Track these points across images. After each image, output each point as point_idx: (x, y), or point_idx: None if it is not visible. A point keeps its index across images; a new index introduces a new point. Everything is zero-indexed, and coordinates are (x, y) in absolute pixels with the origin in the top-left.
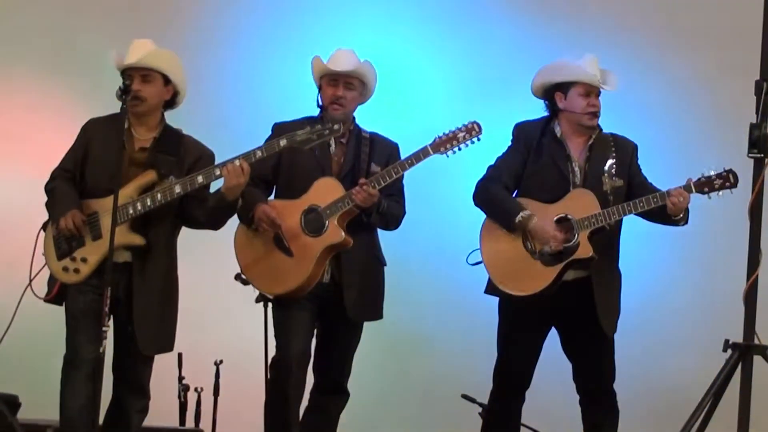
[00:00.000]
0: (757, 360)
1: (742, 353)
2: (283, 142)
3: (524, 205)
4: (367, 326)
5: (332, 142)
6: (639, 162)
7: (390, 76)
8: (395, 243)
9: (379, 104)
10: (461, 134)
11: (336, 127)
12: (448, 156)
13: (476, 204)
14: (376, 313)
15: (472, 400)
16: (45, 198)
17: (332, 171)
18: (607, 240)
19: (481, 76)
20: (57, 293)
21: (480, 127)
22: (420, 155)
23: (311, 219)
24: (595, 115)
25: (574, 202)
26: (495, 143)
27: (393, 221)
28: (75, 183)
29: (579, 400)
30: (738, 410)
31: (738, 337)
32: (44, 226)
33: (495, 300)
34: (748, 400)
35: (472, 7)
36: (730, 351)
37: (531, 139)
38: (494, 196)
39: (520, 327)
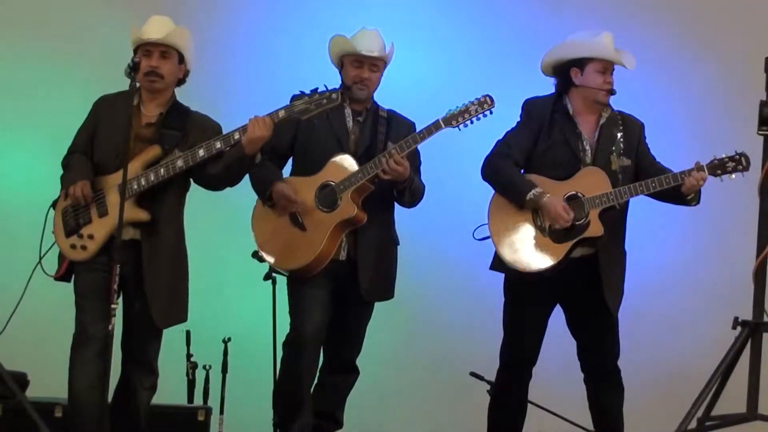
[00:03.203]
0: (767, 337)
1: (752, 331)
2: (282, 113)
3: (534, 182)
4: (378, 305)
5: (350, 120)
6: (647, 141)
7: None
8: (406, 222)
9: (392, 80)
10: (473, 107)
11: (334, 96)
12: (460, 129)
13: (485, 179)
14: (388, 293)
15: (481, 378)
16: (54, 176)
17: (349, 148)
18: (615, 219)
19: (494, 52)
20: (66, 271)
21: (492, 100)
22: (432, 129)
23: (325, 194)
24: (611, 92)
25: (585, 181)
26: (507, 120)
27: (419, 198)
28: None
29: (583, 378)
30: (747, 387)
31: (747, 314)
32: (54, 205)
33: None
34: (758, 377)
35: None
36: (739, 328)
37: (542, 116)
38: (504, 172)
39: (526, 303)
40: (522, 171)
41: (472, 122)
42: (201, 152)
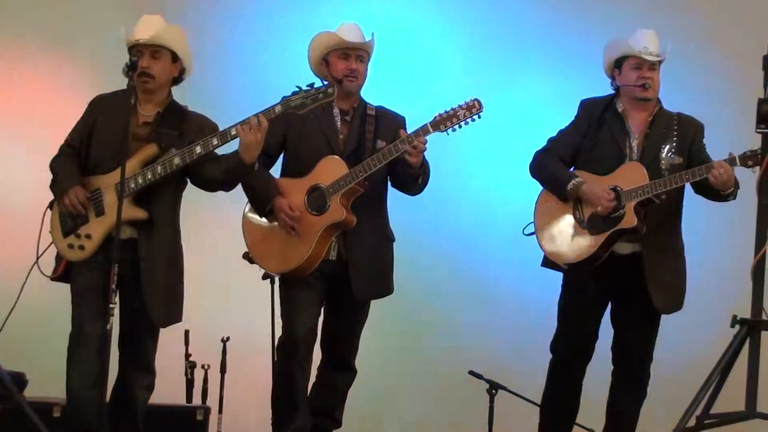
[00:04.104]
0: (765, 335)
1: (750, 329)
2: (278, 108)
3: (576, 174)
4: (375, 302)
5: (338, 119)
6: (705, 142)
7: (401, 49)
8: (403, 218)
9: (390, 77)
10: (462, 112)
11: (330, 90)
12: (448, 134)
13: (532, 174)
14: (385, 290)
15: (479, 377)
16: (51, 176)
17: (338, 148)
18: (663, 215)
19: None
20: (63, 271)
21: (481, 105)
22: (419, 133)
23: (315, 197)
24: (645, 87)
25: (625, 175)
26: (506, 122)
27: (428, 181)
28: (79, 159)
29: (611, 371)
30: (746, 385)
31: (746, 312)
32: (51, 205)
33: (504, 277)
34: (756, 375)
35: None
36: (738, 327)
37: (592, 114)
38: (547, 166)
39: (577, 298)
40: (571, 168)
41: (460, 126)
42: (198, 149)
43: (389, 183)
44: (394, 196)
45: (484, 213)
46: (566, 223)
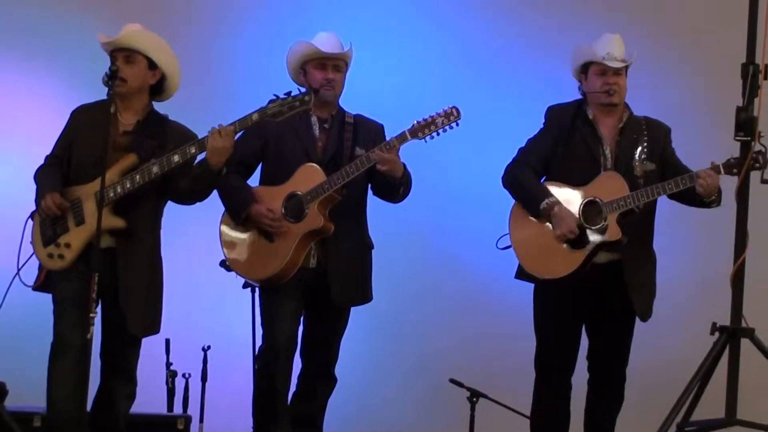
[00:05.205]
0: (745, 343)
1: (730, 336)
2: (255, 116)
3: (551, 190)
4: (355, 310)
5: (316, 127)
6: (673, 145)
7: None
8: (383, 226)
9: (370, 85)
10: (440, 119)
11: (306, 98)
12: (426, 141)
13: (505, 187)
14: (364, 297)
15: (460, 385)
16: (32, 185)
17: (316, 156)
18: (639, 222)
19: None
20: (44, 281)
21: (459, 112)
22: (396, 141)
23: (292, 205)
24: (610, 93)
25: (603, 185)
26: (488, 128)
27: (410, 189)
28: (62, 169)
29: (587, 379)
30: (726, 393)
31: (725, 320)
32: (32, 215)
33: (485, 284)
34: (736, 382)
35: None
36: (717, 334)
37: (563, 122)
38: (521, 181)
39: (555, 311)
40: (543, 178)
41: (438, 134)
42: (176, 158)
43: (369, 191)
44: (374, 204)
45: (466, 220)
46: (546, 237)
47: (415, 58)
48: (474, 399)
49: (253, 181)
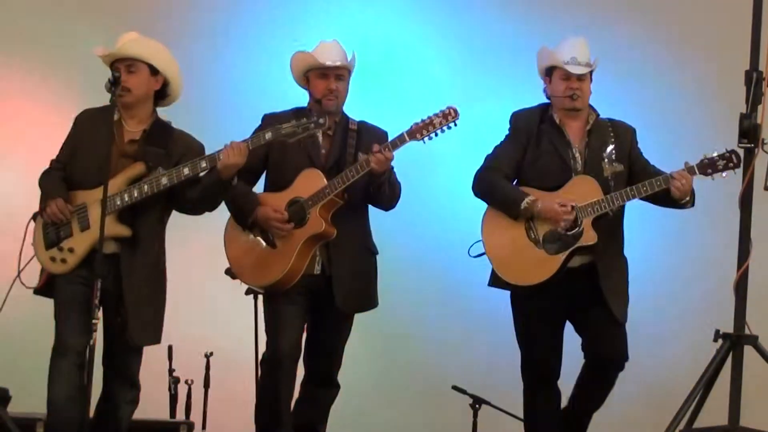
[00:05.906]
0: (748, 349)
1: (733, 343)
2: (268, 135)
3: (528, 192)
4: (358, 316)
5: (320, 134)
6: (639, 145)
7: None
8: (386, 232)
9: (371, 90)
10: (437, 120)
11: (321, 120)
12: (425, 142)
13: (476, 194)
14: (369, 303)
15: (463, 392)
16: (34, 189)
17: (320, 162)
18: (611, 226)
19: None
20: (45, 284)
21: (456, 112)
22: (396, 142)
23: (294, 210)
24: (573, 98)
25: (576, 189)
26: (485, 132)
27: (398, 194)
28: (65, 174)
29: (585, 363)
30: (729, 400)
31: (728, 327)
32: (34, 217)
33: (488, 290)
34: (739, 389)
35: None
36: (720, 341)
37: (530, 127)
38: (495, 185)
39: (534, 318)
40: (514, 182)
41: (436, 134)
42: (186, 170)
43: None
44: (378, 210)
45: (467, 228)
46: (520, 243)
47: (416, 58)
48: (476, 406)
49: (258, 188)
